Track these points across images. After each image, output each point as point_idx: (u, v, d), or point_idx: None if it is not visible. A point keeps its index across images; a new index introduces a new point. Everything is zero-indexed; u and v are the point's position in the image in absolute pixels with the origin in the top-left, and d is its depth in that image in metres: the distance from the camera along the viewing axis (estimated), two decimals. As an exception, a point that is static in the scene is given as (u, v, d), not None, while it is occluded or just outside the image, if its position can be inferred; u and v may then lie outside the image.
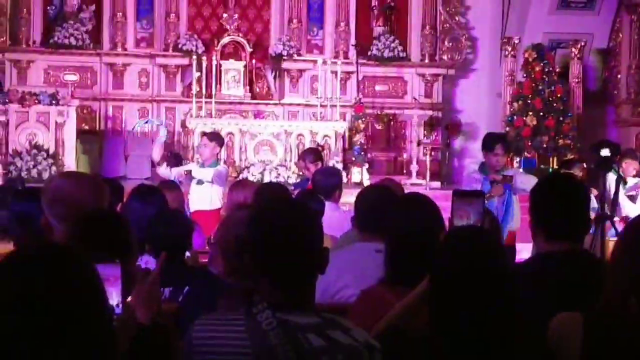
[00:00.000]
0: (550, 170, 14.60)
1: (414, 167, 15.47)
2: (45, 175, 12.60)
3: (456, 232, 3.23)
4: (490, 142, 9.35)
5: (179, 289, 4.24)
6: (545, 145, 15.10)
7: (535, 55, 15.43)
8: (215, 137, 10.93)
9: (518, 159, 14.93)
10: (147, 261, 3.97)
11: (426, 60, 16.65)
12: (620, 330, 2.35)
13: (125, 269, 2.74)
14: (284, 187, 7.75)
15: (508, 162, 11.33)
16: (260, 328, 2.54)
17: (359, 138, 15.22)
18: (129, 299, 2.91)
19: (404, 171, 15.84)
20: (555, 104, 15.35)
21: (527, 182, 8.80)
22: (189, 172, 10.66)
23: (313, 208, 4.91)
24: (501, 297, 2.69)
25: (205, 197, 10.05)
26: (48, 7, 15.71)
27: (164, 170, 11.06)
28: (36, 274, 1.83)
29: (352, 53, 16.09)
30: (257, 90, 16.18)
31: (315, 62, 15.74)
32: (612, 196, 9.11)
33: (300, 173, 12.72)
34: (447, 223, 3.85)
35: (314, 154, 10.31)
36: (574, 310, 2.78)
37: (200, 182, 10.28)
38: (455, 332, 2.67)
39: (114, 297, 2.63)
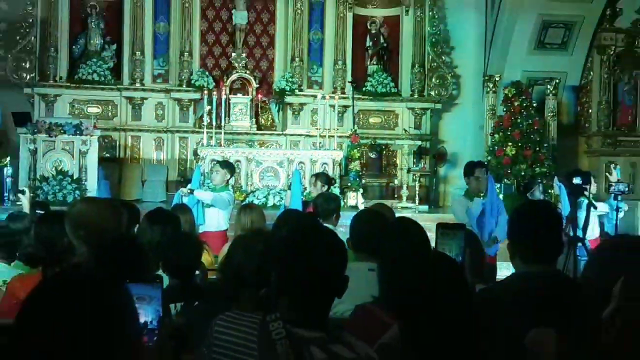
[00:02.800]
0: (514, 189, 14.96)
1: (404, 192, 15.53)
2: (70, 199, 12.83)
3: (439, 258, 3.26)
4: (470, 167, 9.65)
5: (189, 303, 4.22)
6: (523, 173, 15.09)
7: (515, 92, 15.62)
8: (227, 165, 10.99)
9: (498, 185, 14.44)
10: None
11: (415, 96, 16.77)
12: (589, 345, 2.21)
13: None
14: (305, 216, 7.97)
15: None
16: (270, 337, 2.57)
17: (355, 165, 15.36)
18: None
19: (395, 195, 15.94)
20: (532, 136, 15.44)
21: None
22: (191, 191, 10.60)
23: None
24: (459, 323, 2.68)
25: (212, 219, 10.02)
26: (73, 46, 15.94)
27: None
28: (75, 300, 1.85)
29: (349, 89, 16.13)
30: (262, 121, 16.40)
31: (315, 96, 15.91)
32: (583, 218, 9.17)
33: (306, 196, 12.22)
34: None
35: (326, 177, 10.58)
36: (547, 325, 2.78)
37: (209, 205, 10.21)
38: (421, 348, 2.66)
39: (149, 315, 2.72)
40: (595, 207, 10.19)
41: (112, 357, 1.84)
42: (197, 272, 4.91)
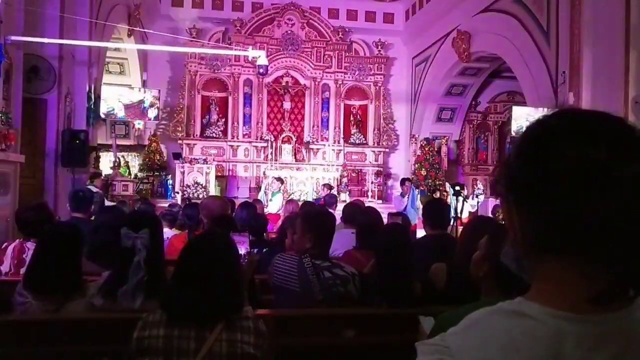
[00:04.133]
0: (426, 192, 14.92)
1: (370, 194, 16.41)
2: (201, 197, 12.86)
3: (389, 226, 3.34)
4: (403, 180, 11.21)
5: (260, 250, 3.97)
6: (429, 184, 15.78)
7: (426, 143, 16.45)
8: (279, 179, 11.89)
9: (417, 190, 13.89)
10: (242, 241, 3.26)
11: (376, 144, 17.34)
12: (463, 273, 1.95)
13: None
14: (314, 203, 8.53)
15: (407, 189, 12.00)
16: (303, 266, 2.76)
17: (345, 180, 16.23)
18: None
19: (365, 195, 16.33)
20: (434, 165, 16.22)
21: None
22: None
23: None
24: (409, 255, 2.79)
25: (274, 206, 10.77)
26: (203, 119, 16.70)
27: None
28: (216, 243, 1.98)
29: (341, 141, 16.93)
30: (298, 157, 16.80)
31: (324, 145, 16.79)
32: (460, 207, 8.81)
33: (318, 196, 12.90)
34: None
35: (328, 186, 11.70)
36: (442, 262, 2.79)
37: (271, 200, 10.93)
38: (387, 276, 2.72)
39: (242, 250, 2.81)
40: (467, 201, 10.53)
41: (234, 267, 1.95)
42: (264, 233, 4.60)
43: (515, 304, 0.81)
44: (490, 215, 9.36)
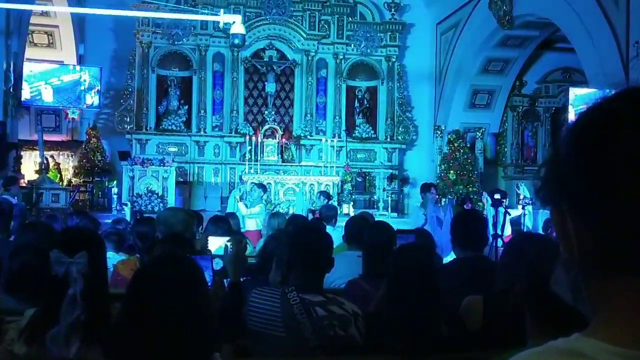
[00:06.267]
0: (455, 202, 14.72)
1: (380, 204, 16.79)
2: (157, 209, 12.96)
3: (405, 247, 3.28)
4: (426, 186, 10.78)
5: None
6: (460, 191, 16.12)
7: (455, 137, 16.90)
8: (261, 186, 11.82)
9: (444, 199, 15.26)
10: (218, 262, 3.60)
11: (388, 139, 17.79)
12: (505, 307, 2.13)
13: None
14: (305, 217, 8.61)
15: (439, 200, 12.78)
16: (289, 302, 2.84)
17: (347, 186, 16.60)
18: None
19: (374, 206, 16.76)
20: (466, 166, 16.62)
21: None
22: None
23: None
24: (432, 287, 2.81)
25: (251, 222, 10.74)
26: (159, 106, 17.00)
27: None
28: (173, 268, 1.98)
29: (343, 135, 17.34)
30: (285, 157, 17.20)
31: (320, 140, 17.07)
32: (501, 222, 8.94)
33: (312, 207, 12.70)
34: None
35: (327, 194, 11.93)
36: (477, 293, 2.85)
37: (249, 216, 10.83)
38: (402, 313, 2.75)
39: (207, 276, 2.82)
40: (510, 214, 10.28)
41: (201, 302, 1.97)
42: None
43: (570, 342, 0.81)
44: (541, 232, 9.52)
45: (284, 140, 17.29)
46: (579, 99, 11.66)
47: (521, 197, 14.07)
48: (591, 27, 11.49)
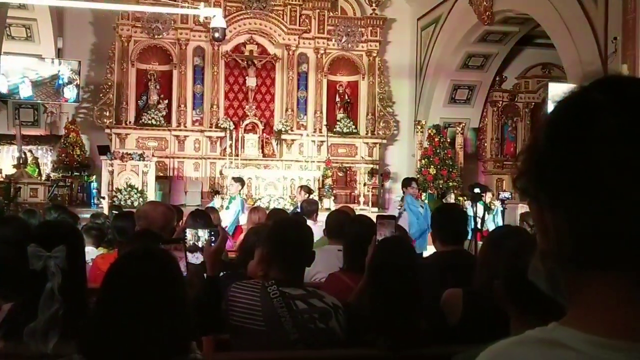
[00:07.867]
0: (435, 196, 15.73)
1: (361, 199, 16.82)
2: (136, 204, 13.41)
3: (385, 240, 3.24)
4: (408, 181, 10.63)
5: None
6: (440, 186, 16.34)
7: (435, 132, 17.04)
8: (238, 180, 11.46)
9: (425, 194, 15.48)
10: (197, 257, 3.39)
11: (369, 134, 17.88)
12: (485, 300, 2.18)
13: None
14: (285, 211, 8.53)
15: (419, 195, 12.48)
16: (269, 296, 2.83)
17: (328, 181, 16.65)
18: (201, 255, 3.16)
19: (355, 201, 16.85)
20: (446, 161, 16.75)
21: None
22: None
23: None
24: (411, 279, 2.81)
25: (228, 217, 9.99)
26: (138, 101, 17.07)
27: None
28: (147, 263, 1.98)
29: (324, 130, 17.35)
30: (266, 151, 17.25)
31: (301, 135, 17.14)
32: (481, 216, 8.97)
33: (293, 202, 13.40)
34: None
35: (308, 188, 11.75)
36: (456, 287, 2.84)
37: (226, 208, 10.59)
38: (382, 306, 2.76)
39: (182, 265, 2.70)
40: (490, 209, 10.69)
41: (178, 295, 1.96)
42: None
43: (547, 331, 0.81)
44: (519, 224, 9.44)
45: (264, 135, 17.42)
46: (558, 93, 11.42)
47: (501, 191, 14.05)
48: (570, 23, 11.65)
